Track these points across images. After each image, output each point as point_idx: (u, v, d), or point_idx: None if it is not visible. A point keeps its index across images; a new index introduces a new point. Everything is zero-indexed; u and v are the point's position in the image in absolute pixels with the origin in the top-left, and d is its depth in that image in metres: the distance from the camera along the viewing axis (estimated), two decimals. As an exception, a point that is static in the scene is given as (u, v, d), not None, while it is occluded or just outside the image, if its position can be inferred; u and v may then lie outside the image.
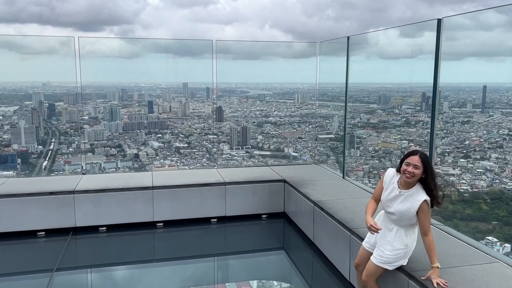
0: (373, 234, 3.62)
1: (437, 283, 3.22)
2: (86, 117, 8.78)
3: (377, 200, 3.71)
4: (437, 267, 3.29)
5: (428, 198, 3.33)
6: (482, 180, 6.48)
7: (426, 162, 3.35)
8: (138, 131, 9.13)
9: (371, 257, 3.61)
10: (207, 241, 6.45)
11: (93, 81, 8.95)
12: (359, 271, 3.81)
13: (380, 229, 3.52)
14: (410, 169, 3.33)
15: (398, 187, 3.47)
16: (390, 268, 3.53)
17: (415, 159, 3.33)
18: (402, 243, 3.48)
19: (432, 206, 3.39)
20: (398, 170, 3.50)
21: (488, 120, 6.88)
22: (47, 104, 8.81)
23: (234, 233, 6.79)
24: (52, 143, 8.70)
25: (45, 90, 8.91)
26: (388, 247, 3.51)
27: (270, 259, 6.15)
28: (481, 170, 6.55)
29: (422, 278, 3.34)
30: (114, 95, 9.23)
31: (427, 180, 3.35)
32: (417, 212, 3.35)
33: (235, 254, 6.22)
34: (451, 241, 4.25)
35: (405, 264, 3.53)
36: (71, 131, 8.78)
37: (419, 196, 3.35)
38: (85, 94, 8.13)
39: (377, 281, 3.61)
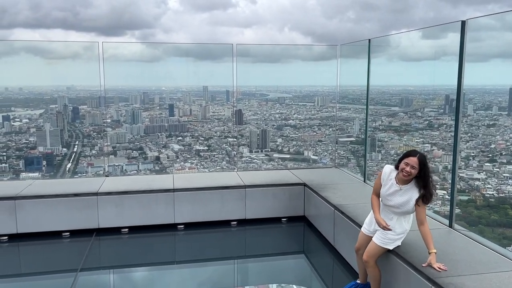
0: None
1: (438, 267, 3.53)
2: (109, 120, 8.95)
3: (378, 195, 4.04)
4: (435, 253, 3.62)
5: (423, 192, 3.68)
6: (509, 185, 6.31)
7: (423, 164, 3.65)
8: (159, 134, 9.24)
9: (373, 239, 3.98)
10: (227, 244, 6.48)
11: (116, 85, 9.10)
12: (359, 255, 4.20)
13: (391, 230, 3.88)
14: (408, 169, 3.65)
15: (396, 183, 3.79)
16: (391, 247, 3.91)
17: (413, 161, 3.64)
18: (402, 228, 3.90)
19: (427, 203, 3.70)
20: (396, 167, 3.80)
21: (515, 123, 6.69)
22: (71, 108, 9.02)
23: (254, 236, 6.80)
24: (76, 146, 8.89)
25: (69, 94, 9.12)
26: (390, 231, 3.87)
27: (290, 263, 6.13)
28: (508, 175, 6.39)
29: (423, 265, 3.61)
30: (136, 99, 9.37)
31: (420, 178, 3.68)
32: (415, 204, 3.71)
33: (254, 257, 6.21)
34: (477, 247, 4.15)
35: (400, 244, 3.94)
36: (94, 133, 8.96)
37: (416, 190, 3.71)
38: (108, 98, 8.28)
39: (376, 261, 3.95)
